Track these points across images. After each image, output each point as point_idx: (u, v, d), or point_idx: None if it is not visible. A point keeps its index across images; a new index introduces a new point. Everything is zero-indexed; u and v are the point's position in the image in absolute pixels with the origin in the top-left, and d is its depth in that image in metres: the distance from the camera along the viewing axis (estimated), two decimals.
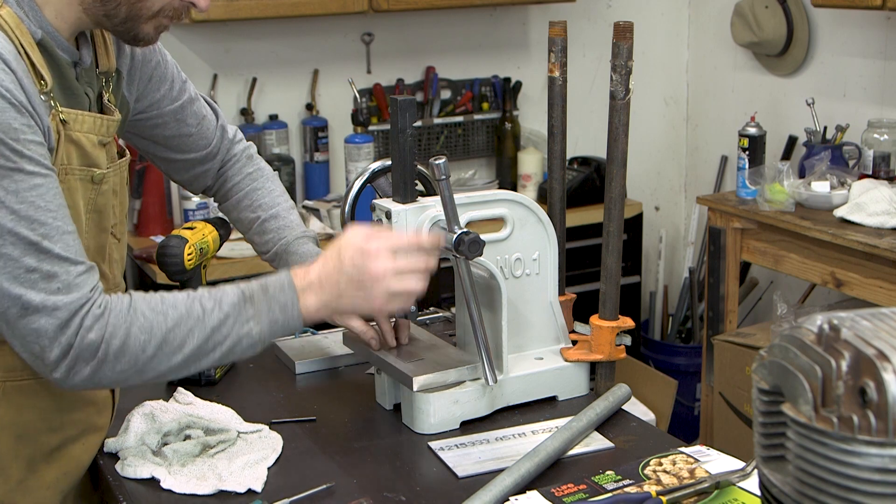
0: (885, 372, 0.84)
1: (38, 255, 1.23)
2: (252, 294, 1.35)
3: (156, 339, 1.29)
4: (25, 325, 1.24)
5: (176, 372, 1.33)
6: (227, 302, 1.34)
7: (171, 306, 1.32)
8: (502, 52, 3.89)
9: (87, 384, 1.29)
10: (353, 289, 1.38)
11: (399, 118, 1.52)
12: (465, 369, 1.58)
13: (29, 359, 1.28)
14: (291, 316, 1.37)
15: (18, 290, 1.23)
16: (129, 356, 1.28)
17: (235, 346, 1.34)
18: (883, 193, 2.91)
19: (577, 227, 3.32)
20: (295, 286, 1.37)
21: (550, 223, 1.68)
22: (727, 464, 1.41)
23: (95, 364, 1.27)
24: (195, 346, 1.31)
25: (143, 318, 1.30)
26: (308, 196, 3.59)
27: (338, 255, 1.39)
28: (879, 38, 3.35)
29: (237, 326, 1.33)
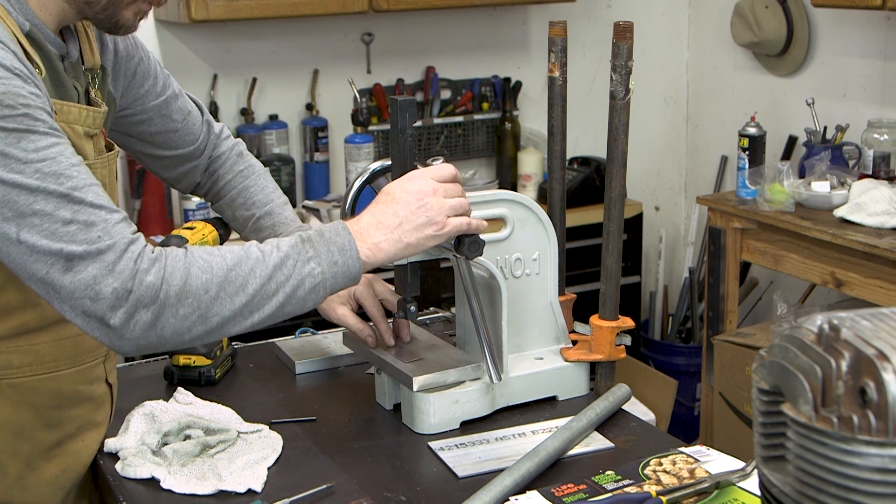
0: (885, 372, 0.84)
1: (71, 206, 1.20)
2: (309, 237, 1.33)
3: (217, 278, 1.25)
4: (72, 280, 1.20)
5: (240, 318, 1.28)
6: (285, 244, 1.31)
7: (228, 250, 1.29)
8: (502, 52, 3.89)
9: (149, 336, 1.23)
10: (413, 211, 1.38)
11: (399, 118, 1.52)
12: (465, 369, 1.58)
13: (82, 321, 1.22)
14: (351, 257, 1.34)
15: (58, 245, 1.19)
16: (192, 297, 1.24)
17: (298, 288, 1.30)
18: (883, 193, 2.91)
19: (577, 227, 3.32)
20: (350, 230, 1.36)
21: (550, 223, 1.68)
22: (727, 464, 1.41)
23: (157, 308, 1.22)
24: (258, 286, 1.27)
25: (202, 259, 1.26)
26: (308, 196, 3.59)
27: (386, 194, 1.40)
28: (879, 38, 3.35)
29: (298, 266, 1.30)
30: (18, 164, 1.19)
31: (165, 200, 3.35)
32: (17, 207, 1.19)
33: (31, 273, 1.21)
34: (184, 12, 3.06)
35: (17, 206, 1.19)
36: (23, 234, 1.19)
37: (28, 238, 1.19)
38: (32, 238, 1.19)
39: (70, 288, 1.20)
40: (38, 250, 1.19)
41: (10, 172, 1.19)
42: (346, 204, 1.67)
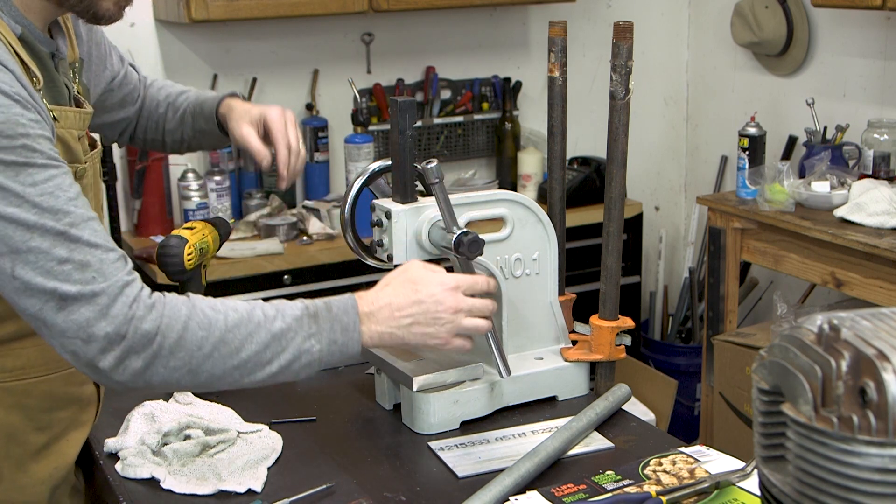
0: (885, 372, 0.84)
1: (67, 244, 1.19)
2: (316, 311, 1.32)
3: (214, 337, 1.24)
4: (65, 319, 1.19)
5: (229, 379, 1.27)
6: (289, 314, 1.30)
7: (232, 308, 1.27)
8: (502, 52, 3.89)
9: (136, 380, 1.23)
10: (427, 321, 1.38)
11: (399, 119, 1.52)
12: (465, 369, 1.58)
13: (71, 358, 1.22)
14: (351, 338, 1.33)
15: (53, 284, 1.18)
16: (186, 351, 1.23)
17: (294, 362, 1.29)
18: (883, 193, 2.91)
19: (577, 227, 3.32)
20: (358, 310, 1.35)
21: (550, 223, 1.68)
22: (727, 464, 1.41)
23: (149, 356, 1.22)
24: (253, 352, 1.26)
25: (202, 314, 1.25)
26: (308, 196, 3.59)
27: (412, 285, 1.38)
28: (879, 38, 3.35)
29: (298, 340, 1.29)
30: (16, 199, 1.18)
31: (165, 200, 3.35)
32: (12, 243, 1.18)
33: (23, 308, 1.21)
34: (184, 12, 3.06)
35: (13, 241, 1.18)
36: (17, 270, 1.18)
37: (23, 274, 1.18)
38: (27, 275, 1.18)
39: (62, 327, 1.20)
40: (33, 287, 1.19)
41: (7, 206, 1.18)
42: (346, 204, 1.67)
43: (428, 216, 1.55)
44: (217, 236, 1.78)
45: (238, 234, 3.25)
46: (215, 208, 3.31)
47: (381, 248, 1.58)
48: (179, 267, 1.67)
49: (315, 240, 3.24)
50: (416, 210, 1.55)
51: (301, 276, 3.13)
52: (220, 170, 3.37)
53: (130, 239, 3.32)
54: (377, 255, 1.60)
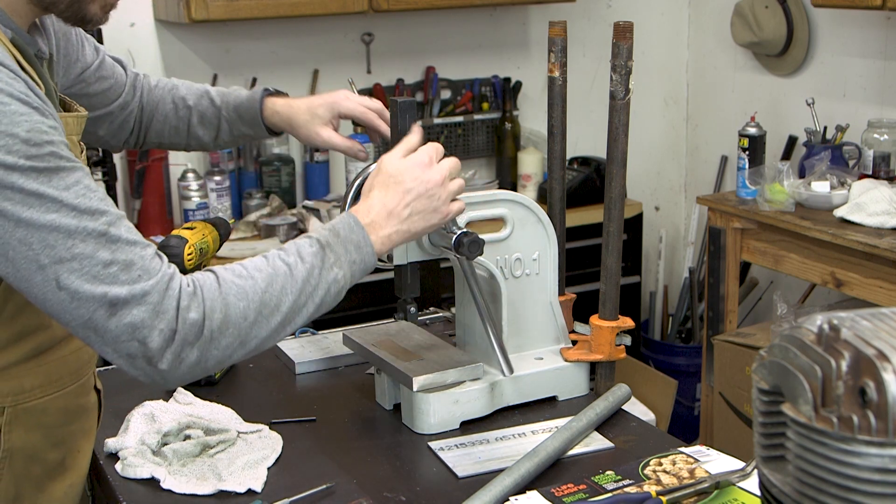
0: (885, 372, 0.84)
1: (110, 245, 1.17)
2: (327, 240, 1.33)
3: (254, 304, 1.24)
4: (118, 324, 1.17)
5: (275, 336, 1.28)
6: (306, 253, 1.31)
7: (256, 269, 1.28)
8: (502, 52, 3.89)
9: (195, 370, 1.22)
10: (423, 204, 1.40)
11: (399, 119, 1.52)
12: (465, 369, 1.58)
13: (126, 363, 1.20)
14: (367, 253, 1.36)
15: (101, 289, 1.16)
16: (233, 327, 1.23)
17: (326, 295, 1.31)
18: (883, 193, 2.91)
19: (577, 227, 3.32)
20: (362, 223, 1.37)
21: (550, 223, 1.68)
22: (727, 464, 1.41)
23: (202, 344, 1.21)
24: (291, 303, 1.27)
25: (235, 285, 1.25)
26: (308, 196, 3.59)
27: (395, 179, 1.40)
28: (879, 38, 3.35)
29: (324, 274, 1.30)
30: (55, 204, 1.15)
31: (165, 200, 3.35)
32: (55, 253, 1.15)
33: (72, 318, 1.18)
34: (184, 12, 3.06)
35: (55, 250, 1.15)
36: (63, 279, 1.15)
37: (70, 283, 1.15)
38: (75, 283, 1.15)
39: (116, 332, 1.17)
40: (81, 296, 1.16)
41: (47, 213, 1.15)
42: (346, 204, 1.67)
43: None
44: (217, 236, 1.78)
45: (238, 234, 3.25)
46: (215, 208, 3.31)
47: None
48: (179, 267, 1.66)
49: None
50: None
51: None
52: (220, 170, 3.37)
53: None
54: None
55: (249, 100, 1.78)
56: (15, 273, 1.17)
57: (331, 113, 1.75)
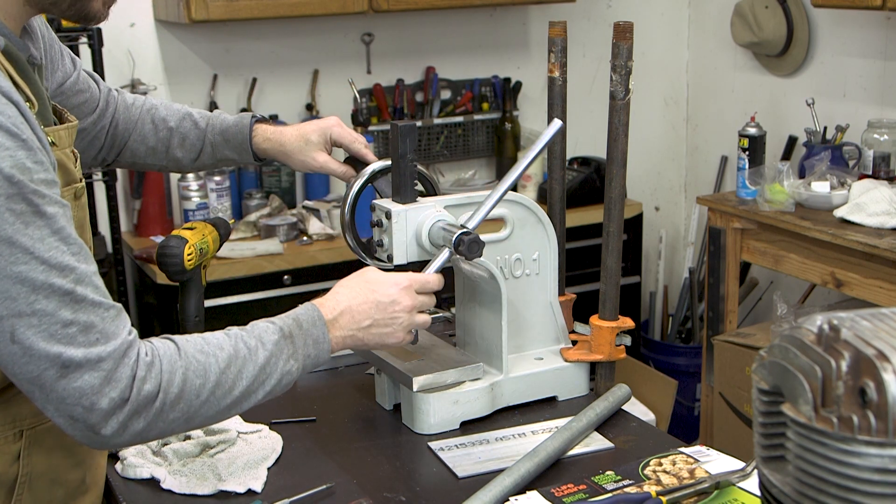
0: (885, 372, 0.84)
1: (73, 305, 1.12)
2: (290, 331, 1.33)
3: (210, 383, 1.23)
4: (66, 386, 1.12)
5: (219, 416, 1.27)
6: (268, 340, 1.30)
7: (218, 347, 1.26)
8: (502, 52, 3.89)
9: (135, 439, 1.20)
10: (385, 321, 1.41)
11: (400, 143, 1.53)
12: (465, 369, 1.58)
13: (66, 423, 1.15)
14: (322, 349, 1.36)
15: (57, 349, 1.11)
16: (184, 403, 1.21)
17: (277, 385, 1.31)
18: (883, 193, 2.91)
19: (577, 227, 3.32)
20: (325, 319, 1.37)
21: (550, 223, 1.68)
22: (727, 464, 1.41)
23: (152, 416, 1.18)
24: (244, 388, 1.26)
25: (196, 361, 1.22)
26: (308, 196, 3.59)
27: (369, 287, 1.41)
28: (879, 38, 3.35)
29: (280, 364, 1.30)
30: (25, 255, 1.10)
31: (165, 200, 3.35)
32: (15, 306, 1.10)
33: (19, 372, 1.13)
34: (184, 12, 3.06)
35: (16, 303, 1.10)
36: (19, 333, 1.11)
37: (24, 339, 1.11)
38: (29, 339, 1.11)
39: (61, 395, 1.13)
40: (34, 353, 1.11)
41: (15, 264, 1.10)
42: (346, 204, 1.67)
43: (428, 216, 1.55)
44: (217, 236, 1.78)
45: (238, 234, 3.25)
46: (215, 208, 3.31)
47: (381, 248, 1.58)
48: (179, 267, 1.67)
49: (315, 240, 3.24)
50: (416, 210, 1.55)
51: (301, 276, 3.13)
52: (220, 170, 3.37)
53: (130, 239, 3.33)
54: (377, 256, 1.60)
55: (237, 125, 1.76)
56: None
57: (323, 138, 1.75)
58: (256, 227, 3.30)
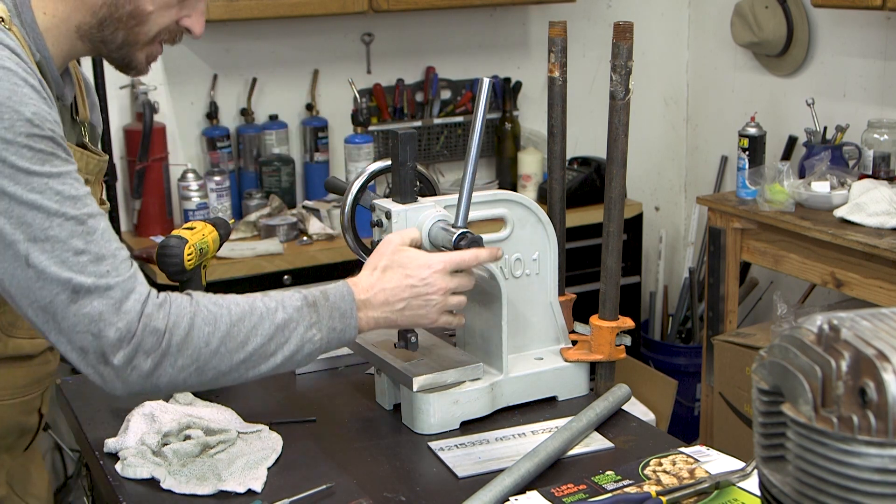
0: (885, 372, 0.84)
1: (85, 236, 1.18)
2: (315, 300, 1.33)
3: (220, 332, 1.24)
4: (77, 311, 1.17)
5: (234, 374, 1.27)
6: (290, 305, 1.30)
7: (233, 303, 1.28)
8: (502, 52, 3.89)
9: (145, 383, 1.22)
10: (419, 303, 1.41)
11: (400, 151, 1.53)
12: (465, 369, 1.58)
13: (78, 357, 1.19)
14: (349, 326, 1.35)
15: (67, 274, 1.16)
16: (192, 349, 1.22)
17: (297, 352, 1.30)
18: (883, 193, 2.91)
19: (577, 227, 3.32)
20: (356, 297, 1.36)
21: (550, 223, 1.68)
22: (727, 464, 1.41)
23: (158, 356, 1.20)
24: (258, 345, 1.27)
25: (207, 310, 1.25)
26: (308, 196, 3.59)
27: (404, 270, 1.40)
28: (879, 38, 3.35)
29: (300, 330, 1.30)
30: (40, 184, 1.17)
31: (165, 200, 3.35)
32: (31, 231, 1.16)
33: (34, 299, 1.18)
34: None
35: (31, 229, 1.16)
36: (33, 257, 1.16)
37: (38, 262, 1.16)
38: (43, 263, 1.16)
39: (73, 322, 1.18)
40: (47, 277, 1.16)
41: (30, 192, 1.16)
42: (346, 204, 1.67)
43: (428, 216, 1.55)
44: (217, 236, 1.78)
45: (238, 234, 3.25)
46: (215, 208, 3.31)
47: None
48: (179, 267, 1.67)
49: (315, 240, 3.24)
50: (416, 210, 1.55)
51: (301, 276, 3.13)
52: (220, 170, 3.37)
53: (130, 239, 3.32)
54: None
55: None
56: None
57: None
58: (256, 227, 3.30)
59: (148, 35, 1.36)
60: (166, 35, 1.39)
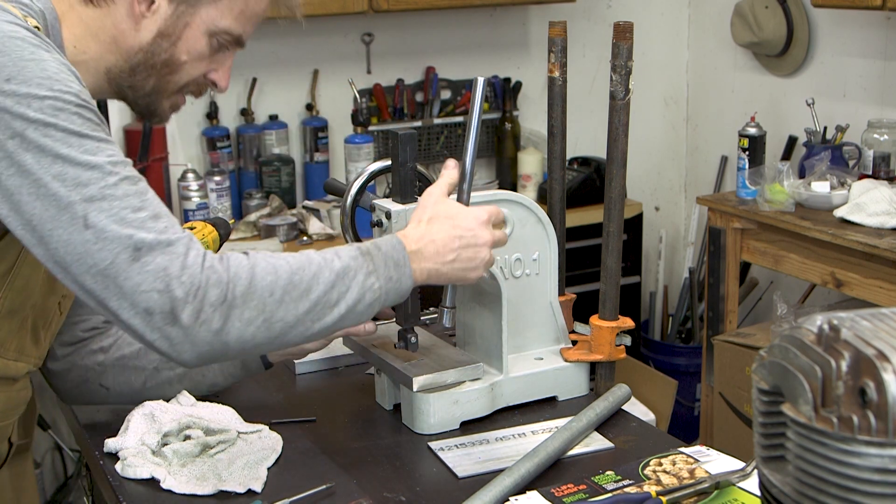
0: (885, 372, 0.84)
1: (140, 196, 1.17)
2: (368, 249, 1.30)
3: (282, 281, 1.21)
4: (141, 269, 1.14)
5: (302, 326, 1.23)
6: (345, 254, 1.28)
7: (290, 255, 1.25)
8: (502, 52, 3.89)
9: (214, 340, 1.17)
10: (468, 255, 1.37)
11: (400, 152, 1.53)
12: (465, 369, 1.58)
13: (142, 321, 1.15)
14: (404, 274, 1.32)
15: (128, 231, 1.14)
16: (257, 299, 1.18)
17: (359, 301, 1.27)
18: (883, 193, 2.91)
19: (577, 227, 3.32)
20: (406, 248, 1.33)
21: (550, 223, 1.68)
22: (727, 464, 1.41)
23: (224, 308, 1.16)
24: (322, 293, 1.23)
25: (264, 261, 1.22)
26: (308, 196, 3.59)
27: (452, 222, 1.37)
28: (879, 38, 3.35)
29: (360, 277, 1.27)
30: (93, 146, 1.16)
31: (165, 200, 3.34)
32: (87, 191, 1.14)
33: (91, 264, 1.14)
34: None
35: (88, 188, 1.14)
36: (91, 217, 1.14)
37: (97, 221, 1.14)
38: (102, 222, 1.14)
39: (137, 279, 1.14)
40: (106, 236, 1.14)
41: (84, 153, 1.15)
42: (347, 204, 1.67)
43: None
44: (217, 236, 1.78)
45: (238, 234, 3.25)
46: (215, 208, 3.31)
47: None
48: None
49: (315, 240, 3.24)
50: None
51: None
52: (220, 170, 3.37)
53: None
54: None
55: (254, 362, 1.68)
56: (41, 213, 1.14)
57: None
58: (256, 227, 3.30)
59: (177, 84, 1.38)
60: (193, 87, 1.42)
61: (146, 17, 1.33)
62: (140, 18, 1.33)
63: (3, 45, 1.17)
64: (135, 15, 1.33)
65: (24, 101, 1.14)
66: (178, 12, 1.35)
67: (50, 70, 1.17)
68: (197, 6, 1.37)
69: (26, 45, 1.18)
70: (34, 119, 1.14)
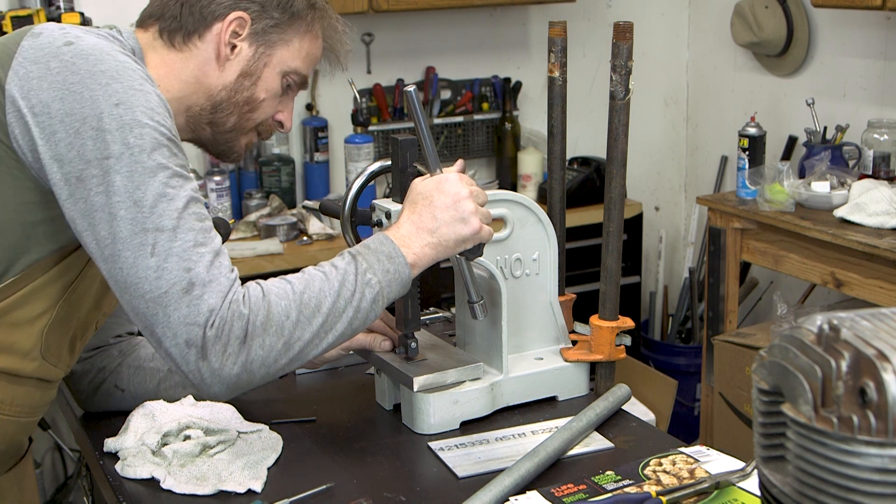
0: (885, 372, 0.84)
1: (205, 233, 1.25)
2: (357, 251, 1.36)
3: (294, 303, 1.28)
4: (189, 302, 1.21)
5: (318, 341, 1.30)
6: (338, 263, 1.34)
7: (293, 278, 1.32)
8: (502, 52, 3.89)
9: (242, 371, 1.25)
10: (450, 215, 1.40)
11: (400, 157, 1.54)
12: (465, 369, 1.58)
13: (180, 352, 1.22)
14: (400, 264, 1.37)
15: (187, 264, 1.22)
16: (276, 324, 1.26)
17: (362, 300, 1.33)
18: (883, 193, 2.91)
19: (577, 227, 3.32)
20: (392, 240, 1.38)
21: (550, 223, 1.68)
22: (727, 464, 1.41)
23: (247, 340, 1.24)
24: (330, 304, 1.30)
25: (275, 287, 1.29)
26: (308, 196, 3.59)
27: (422, 195, 1.42)
28: (879, 38, 3.35)
29: (358, 279, 1.33)
30: (176, 181, 1.24)
31: None
32: (161, 221, 1.21)
33: (148, 289, 1.21)
34: None
35: (162, 218, 1.22)
36: (159, 246, 1.21)
37: (163, 251, 1.21)
38: (166, 252, 1.21)
39: (185, 311, 1.21)
40: (167, 266, 1.21)
41: (167, 187, 1.23)
42: (346, 204, 1.67)
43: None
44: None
45: (238, 234, 3.25)
46: (215, 208, 3.31)
47: None
48: None
49: (315, 240, 3.24)
50: None
51: None
52: (220, 170, 3.37)
53: None
54: None
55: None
56: (116, 233, 1.21)
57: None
58: (256, 227, 3.30)
59: (255, 122, 1.46)
60: (264, 127, 1.48)
61: (230, 59, 1.42)
62: (225, 61, 1.42)
63: (118, 73, 1.24)
64: (220, 58, 1.41)
65: (127, 127, 1.22)
66: (258, 53, 1.44)
67: (152, 102, 1.25)
68: (273, 48, 1.45)
69: (136, 76, 1.26)
70: (132, 145, 1.22)
